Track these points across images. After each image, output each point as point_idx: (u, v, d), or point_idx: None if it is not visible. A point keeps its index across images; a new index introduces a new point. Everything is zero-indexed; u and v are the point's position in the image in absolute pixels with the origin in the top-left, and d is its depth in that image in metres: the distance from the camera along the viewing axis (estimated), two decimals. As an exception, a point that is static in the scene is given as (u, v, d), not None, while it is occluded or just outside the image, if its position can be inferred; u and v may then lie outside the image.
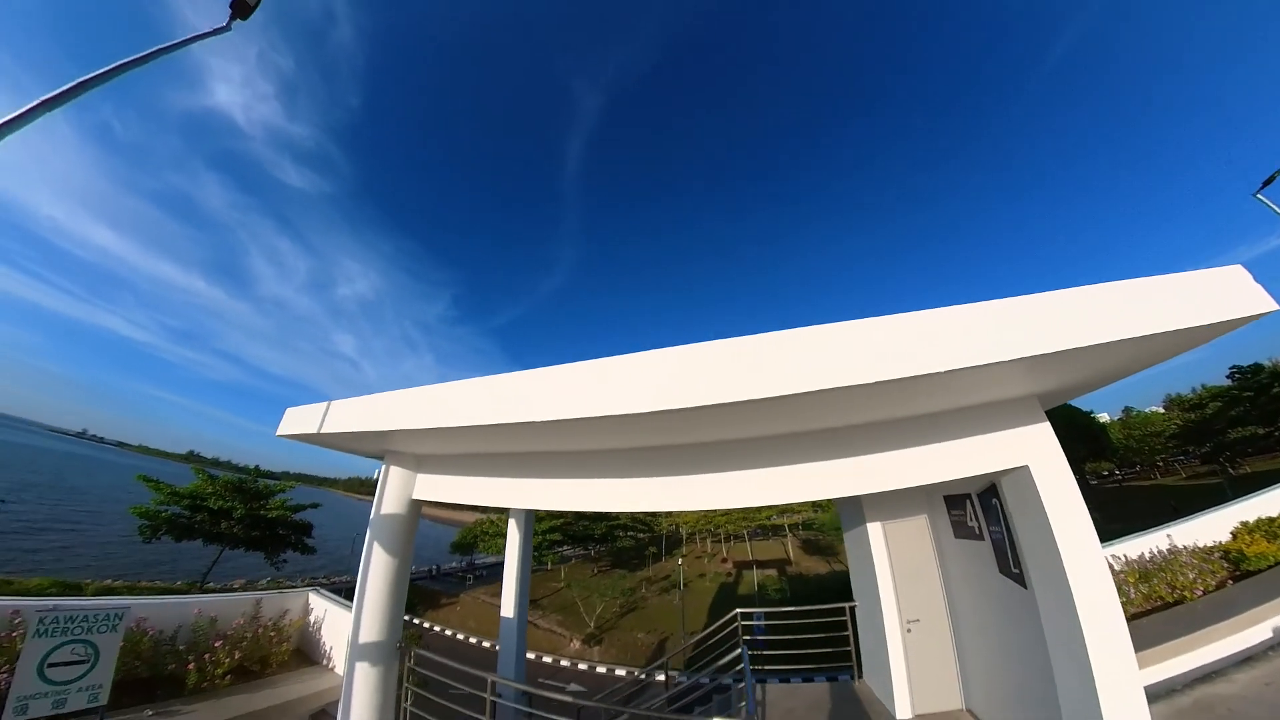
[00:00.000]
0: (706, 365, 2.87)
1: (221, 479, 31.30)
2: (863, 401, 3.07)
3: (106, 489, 76.74)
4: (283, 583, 38.51)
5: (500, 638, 6.91)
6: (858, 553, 6.04)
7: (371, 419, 4.23)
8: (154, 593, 27.54)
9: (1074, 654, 3.18)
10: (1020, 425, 3.49)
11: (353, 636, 4.52)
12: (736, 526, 63.53)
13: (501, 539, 46.94)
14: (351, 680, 4.44)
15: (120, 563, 33.54)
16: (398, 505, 4.93)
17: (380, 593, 4.69)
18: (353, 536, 58.55)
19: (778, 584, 45.60)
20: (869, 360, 2.65)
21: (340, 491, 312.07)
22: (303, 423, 4.89)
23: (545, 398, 3.26)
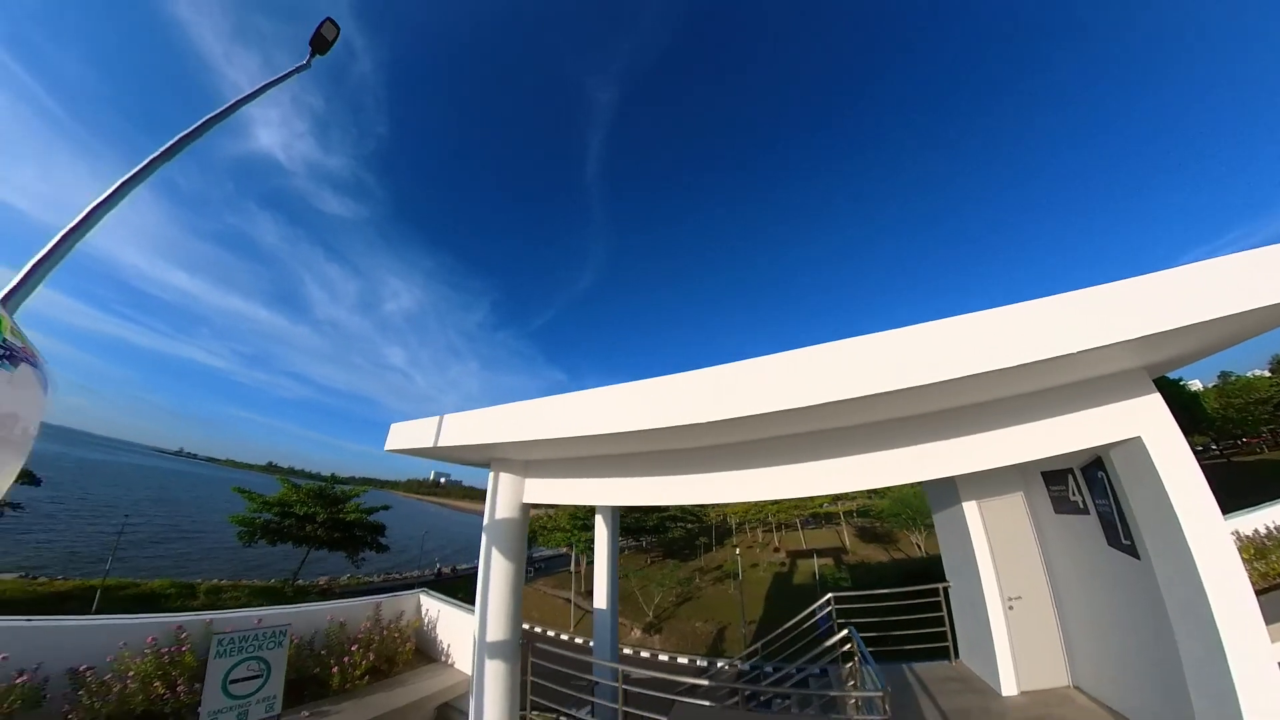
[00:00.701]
0: (832, 365, 3.03)
1: (304, 487, 34.02)
2: (971, 387, 3.14)
3: (207, 500, 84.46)
4: (360, 579, 41.38)
5: (595, 627, 7.31)
6: (951, 532, 6.02)
7: (482, 432, 4.56)
8: (255, 591, 30.35)
9: (1200, 624, 3.16)
10: (1129, 397, 3.46)
11: (479, 635, 4.88)
12: (788, 515, 62.56)
13: (560, 533, 48.31)
14: (482, 675, 4.77)
15: (225, 566, 37.07)
16: (510, 510, 5.25)
17: (501, 592, 5.04)
18: (421, 535, 61.80)
19: (837, 573, 44.66)
20: (992, 349, 2.75)
21: (400, 493, 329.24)
22: (410, 437, 5.28)
23: (647, 406, 3.52)
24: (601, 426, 3.74)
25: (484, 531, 5.29)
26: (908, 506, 42.97)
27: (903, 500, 43.75)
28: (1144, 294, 2.73)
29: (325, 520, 32.62)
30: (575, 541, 45.76)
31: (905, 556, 44.90)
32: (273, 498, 32.90)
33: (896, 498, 44.91)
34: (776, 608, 39.91)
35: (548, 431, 4.06)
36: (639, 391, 3.63)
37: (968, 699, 5.02)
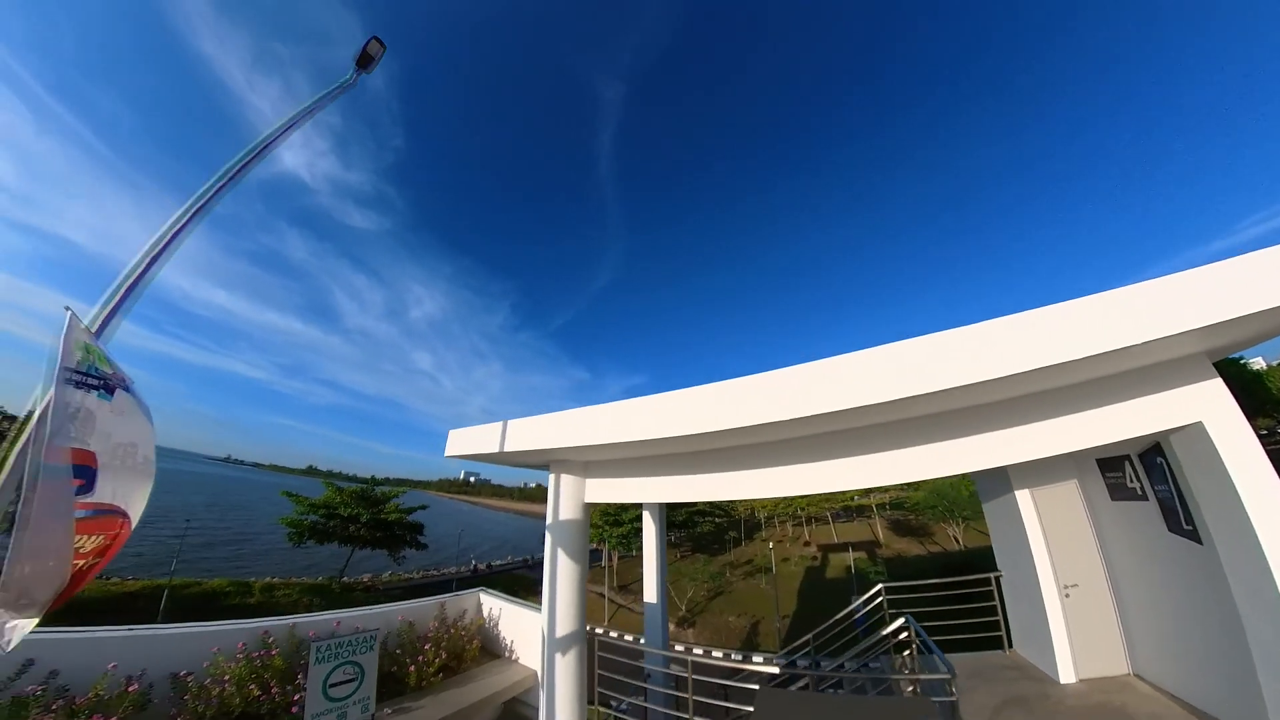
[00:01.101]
0: (889, 365, 3.14)
1: (347, 490, 35.48)
2: (1031, 380, 3.19)
3: (256, 504, 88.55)
4: (401, 577, 42.87)
5: (645, 620, 7.53)
6: (1003, 521, 6.00)
7: (544, 438, 4.78)
8: (305, 589, 31.79)
9: (1269, 607, 3.15)
10: (1190, 383, 3.45)
11: (548, 631, 5.08)
12: (818, 508, 61.86)
13: (591, 529, 49.18)
14: (552, 670, 4.96)
15: (277, 565, 38.98)
16: (572, 510, 5.42)
17: (569, 590, 5.22)
18: (457, 533, 63.40)
19: (873, 566, 43.93)
20: (1055, 344, 2.82)
21: (433, 492, 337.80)
22: (469, 443, 5.57)
23: (704, 410, 3.68)
24: (662, 430, 3.90)
25: (548, 531, 5.46)
26: (944, 499, 41.72)
27: (938, 492, 42.56)
28: (1207, 283, 2.76)
29: (368, 520, 34.02)
30: (607, 537, 46.09)
31: (941, 550, 43.87)
32: (318, 500, 34.46)
33: (932, 489, 43.62)
34: (810, 602, 39.60)
35: (609, 436, 4.24)
36: (694, 396, 3.81)
37: (1025, 686, 5.04)
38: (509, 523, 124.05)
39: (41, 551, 1.99)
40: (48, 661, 3.71)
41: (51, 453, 2.11)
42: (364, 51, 4.26)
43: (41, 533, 1.99)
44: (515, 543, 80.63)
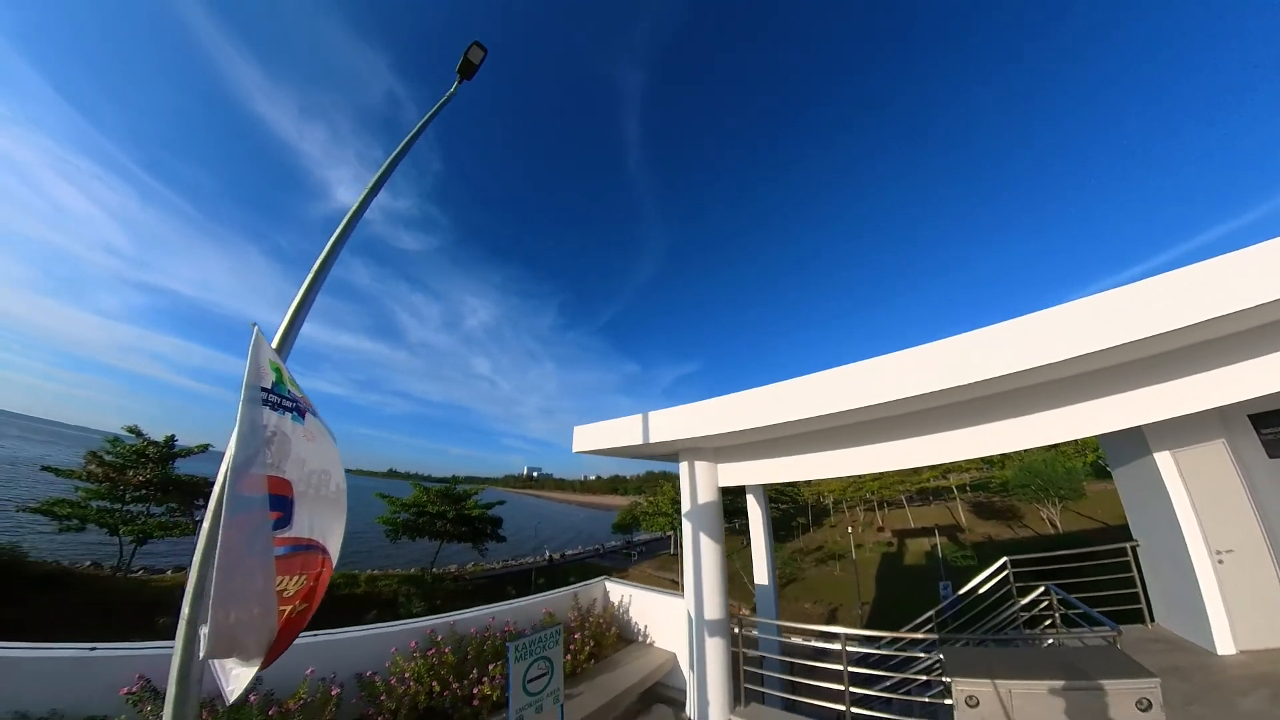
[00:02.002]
0: (1028, 335, 3.16)
1: (433, 489, 38.27)
2: (1191, 333, 3.09)
3: (352, 505, 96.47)
4: (483, 567, 45.52)
5: (758, 603, 7.70)
6: (1140, 487, 5.64)
7: (677, 428, 5.06)
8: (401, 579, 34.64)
9: None
10: None
11: (695, 614, 5.34)
12: (891, 492, 59.00)
13: (662, 517, 49.56)
14: (703, 653, 5.21)
15: (377, 559, 42.80)
16: (708, 495, 5.66)
17: (713, 573, 5.44)
18: (530, 525, 66.33)
19: (960, 551, 41.36)
20: (1226, 295, 2.72)
21: (500, 488, 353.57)
22: (595, 439, 5.93)
23: (839, 390, 3.82)
24: (795, 413, 4.08)
25: (685, 518, 5.70)
26: (1036, 477, 38.09)
27: (1030, 470, 38.98)
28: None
29: (453, 517, 36.57)
30: (678, 524, 46.74)
31: (1034, 534, 40.58)
32: (408, 500, 37.40)
33: (1023, 467, 40.15)
34: (889, 589, 38.07)
35: (745, 423, 4.44)
36: (820, 380, 4.02)
37: (1180, 658, 4.78)
38: (573, 514, 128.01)
39: (244, 595, 1.76)
40: None
41: (247, 481, 1.87)
42: (465, 59, 4.07)
43: (241, 574, 1.76)
44: (586, 532, 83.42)
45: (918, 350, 3.58)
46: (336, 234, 3.01)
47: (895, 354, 3.69)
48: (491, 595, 38.83)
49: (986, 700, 3.43)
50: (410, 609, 31.14)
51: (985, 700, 3.44)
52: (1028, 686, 3.36)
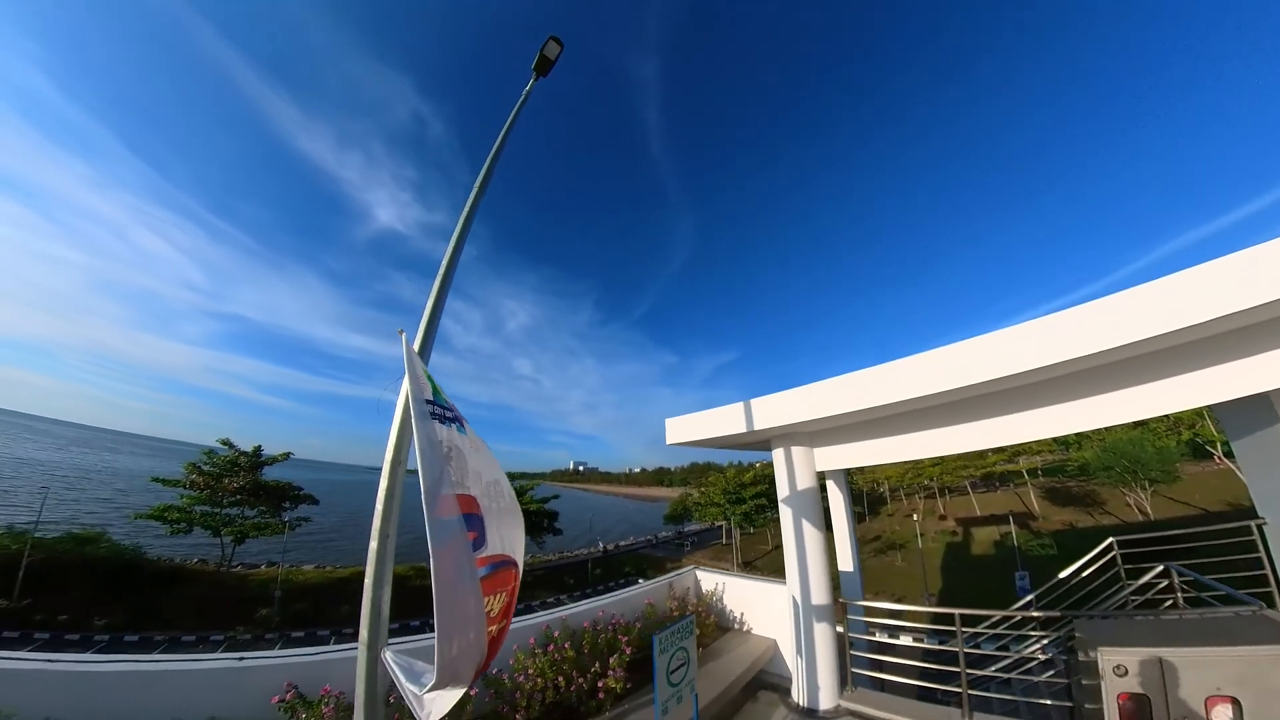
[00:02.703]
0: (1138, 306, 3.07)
1: (493, 484, 39.94)
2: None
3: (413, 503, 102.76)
4: (540, 559, 47.06)
5: (843, 590, 7.53)
6: (1267, 459, 5.01)
7: (772, 416, 5.12)
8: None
9: None
10: None
11: (801, 600, 5.34)
12: (953, 477, 56.20)
13: (713, 508, 49.58)
14: (811, 637, 5.20)
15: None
16: (807, 480, 5.65)
17: (817, 558, 5.45)
18: (587, 517, 68.03)
19: (1037, 541, 38.56)
20: None
21: (547, 482, 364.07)
22: (686, 431, 6.02)
23: (942, 371, 3.84)
24: (898, 395, 4.12)
25: (784, 504, 5.65)
26: (1122, 457, 34.06)
27: (1115, 450, 34.99)
28: None
29: (512, 511, 38.14)
30: (731, 515, 46.04)
31: (1119, 521, 37.28)
32: (467, 495, 39.15)
33: (1106, 447, 36.22)
34: (956, 580, 36.47)
35: (848, 406, 4.48)
36: (917, 362, 4.09)
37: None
38: (619, 505, 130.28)
39: (463, 624, 1.73)
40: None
41: (441, 504, 1.80)
42: (541, 55, 3.97)
43: (459, 603, 1.73)
44: (636, 524, 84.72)
45: (1022, 328, 3.57)
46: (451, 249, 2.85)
47: (994, 333, 3.71)
48: (551, 586, 40.24)
49: (1137, 668, 3.30)
50: (476, 600, 32.74)
51: (1135, 669, 3.31)
52: (1185, 654, 3.20)
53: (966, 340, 3.86)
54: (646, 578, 40.71)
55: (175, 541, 32.74)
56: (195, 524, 30.85)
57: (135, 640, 24.72)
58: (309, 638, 27.01)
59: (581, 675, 4.59)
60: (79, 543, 28.85)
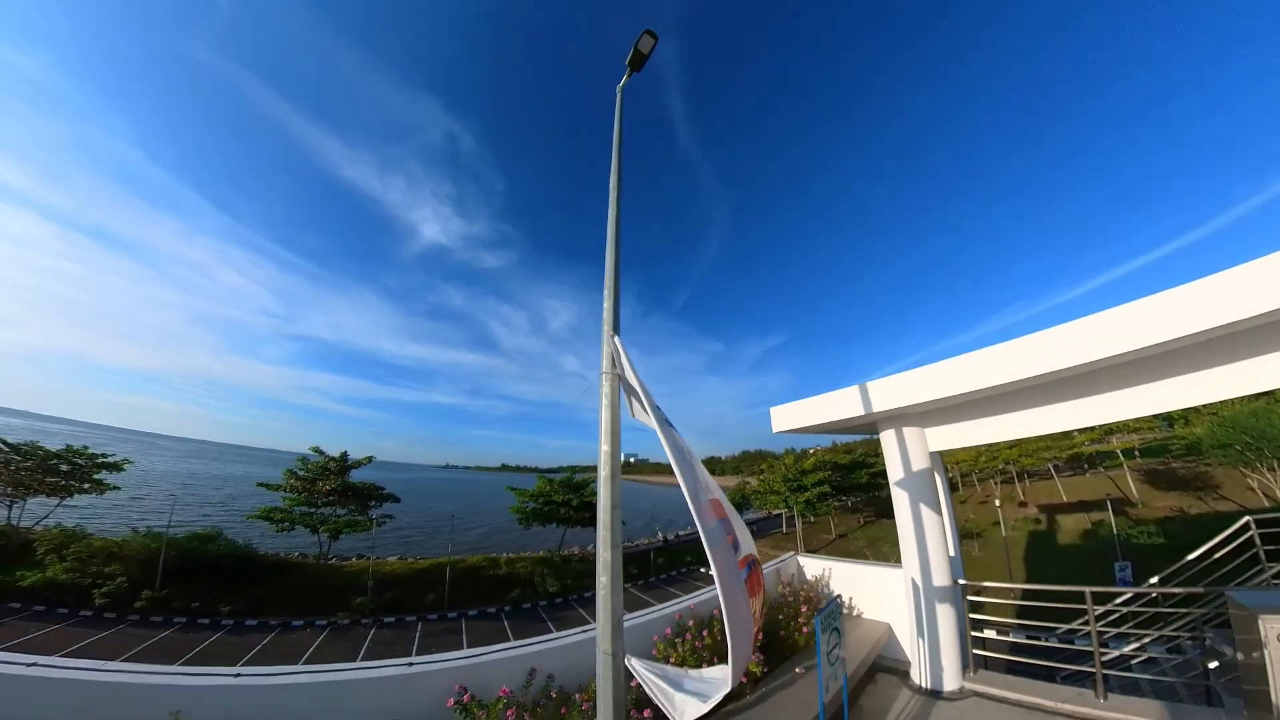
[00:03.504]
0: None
1: (556, 480, 41.49)
2: None
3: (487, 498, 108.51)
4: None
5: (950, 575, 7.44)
6: None
7: (882, 400, 5.14)
8: (535, 560, 37.97)
9: None
10: None
11: (922, 582, 5.31)
12: (1034, 460, 52.03)
13: (774, 496, 48.82)
14: (933, 619, 5.18)
15: (511, 544, 47.43)
16: (922, 461, 5.62)
17: (936, 540, 5.42)
18: (648, 508, 69.39)
19: (1138, 528, 35.07)
20: None
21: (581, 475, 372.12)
22: (792, 418, 6.10)
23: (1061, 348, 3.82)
24: (1016, 374, 4.10)
25: (896, 487, 5.63)
26: (1245, 433, 28.97)
27: (1234, 424, 29.87)
28: None
29: (576, 504, 39.46)
30: (793, 503, 45.22)
31: (1239, 506, 32.95)
32: (534, 491, 40.93)
33: (1224, 421, 31.10)
34: (1043, 572, 33.92)
35: (964, 386, 4.49)
36: (1034, 341, 4.05)
37: None
38: (671, 496, 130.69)
39: (744, 624, 1.83)
40: (538, 666, 3.96)
41: (705, 510, 1.84)
42: (635, 51, 3.90)
43: (740, 604, 1.80)
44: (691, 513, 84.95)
45: (1142, 303, 3.48)
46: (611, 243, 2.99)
47: (1110, 310, 3.66)
48: (616, 577, 41.14)
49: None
50: (546, 587, 34.32)
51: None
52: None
53: (1084, 319, 3.83)
54: (706, 566, 41.23)
55: (280, 538, 36.42)
56: (296, 523, 34.30)
57: (254, 624, 27.72)
58: (398, 622, 29.30)
59: (721, 661, 4.64)
60: (202, 541, 32.65)
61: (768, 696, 4.47)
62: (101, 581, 26.93)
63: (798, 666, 4.99)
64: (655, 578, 41.29)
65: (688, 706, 1.82)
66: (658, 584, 39.76)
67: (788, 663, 5.11)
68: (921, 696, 5.15)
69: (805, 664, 5.15)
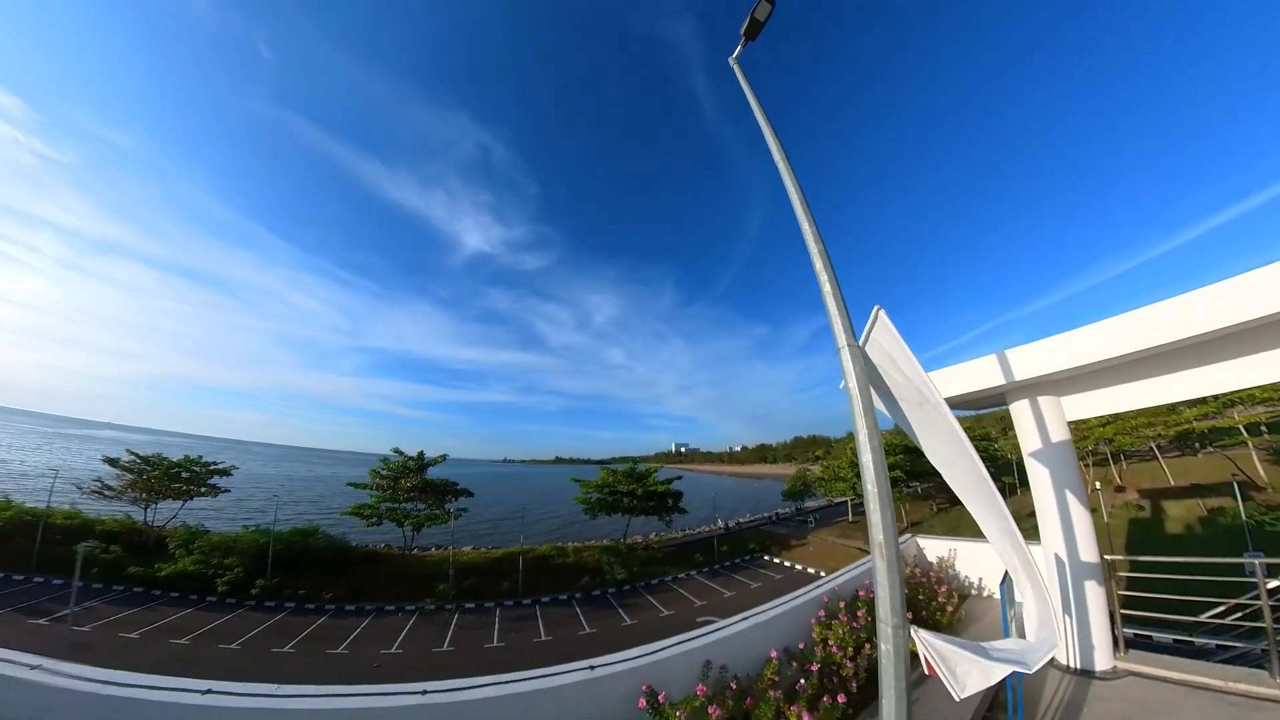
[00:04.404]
0: None
1: (619, 470, 42.27)
2: None
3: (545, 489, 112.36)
4: (665, 537, 48.53)
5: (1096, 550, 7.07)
6: None
7: (1017, 370, 4.98)
8: (601, 549, 38.70)
9: None
10: None
11: (1069, 558, 5.06)
12: (1133, 439, 47.04)
13: (839, 483, 47.21)
14: (1081, 598, 4.98)
15: (575, 534, 48.84)
16: (1059, 433, 5.37)
17: (1079, 514, 5.17)
18: (710, 495, 69.74)
19: (1270, 515, 31.08)
20: None
21: (653, 464, 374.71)
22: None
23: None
24: (1159, 339, 3.95)
25: (1032, 459, 5.40)
26: None
27: None
28: None
29: (641, 494, 40.06)
30: (862, 489, 43.43)
31: None
32: (597, 482, 41.84)
33: None
34: (1148, 564, 30.65)
35: (1107, 352, 4.30)
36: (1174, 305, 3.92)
37: None
38: (723, 484, 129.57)
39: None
40: (711, 659, 3.94)
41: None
42: (751, 19, 3.82)
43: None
44: (751, 500, 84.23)
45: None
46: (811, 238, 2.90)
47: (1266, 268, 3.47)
48: (681, 562, 41.21)
49: None
50: (613, 575, 34.98)
51: None
52: None
53: (1238, 277, 3.66)
54: (771, 554, 39.68)
55: (369, 532, 39.33)
56: (383, 517, 36.96)
57: (353, 609, 30.07)
58: (478, 608, 30.85)
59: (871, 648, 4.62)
60: (303, 535, 35.81)
61: (924, 677, 4.44)
62: (222, 572, 30.14)
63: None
64: (720, 565, 41.08)
65: (969, 680, 1.86)
66: (723, 571, 39.54)
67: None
68: (1073, 676, 4.92)
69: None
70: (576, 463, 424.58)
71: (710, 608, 30.81)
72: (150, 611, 26.95)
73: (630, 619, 29.27)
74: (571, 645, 25.27)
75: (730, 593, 34.04)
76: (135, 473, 37.00)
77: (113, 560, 30.24)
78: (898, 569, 1.97)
